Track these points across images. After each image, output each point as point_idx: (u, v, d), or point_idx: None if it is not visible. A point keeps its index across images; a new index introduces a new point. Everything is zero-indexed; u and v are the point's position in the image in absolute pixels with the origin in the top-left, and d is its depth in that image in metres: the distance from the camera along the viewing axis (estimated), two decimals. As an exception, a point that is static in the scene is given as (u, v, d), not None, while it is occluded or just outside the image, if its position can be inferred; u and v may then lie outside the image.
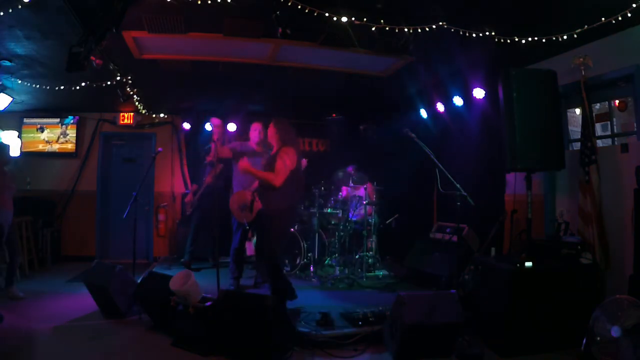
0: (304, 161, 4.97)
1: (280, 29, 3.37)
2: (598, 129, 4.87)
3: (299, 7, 3.26)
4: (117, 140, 7.68)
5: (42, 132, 7.28)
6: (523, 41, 3.84)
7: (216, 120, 5.89)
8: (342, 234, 5.88)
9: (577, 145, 4.54)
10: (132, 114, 7.39)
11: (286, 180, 3.86)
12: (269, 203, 3.95)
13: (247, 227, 4.87)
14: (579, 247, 3.74)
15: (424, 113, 6.36)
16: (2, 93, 5.70)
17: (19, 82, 5.39)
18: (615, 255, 3.81)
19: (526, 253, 3.67)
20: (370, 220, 5.99)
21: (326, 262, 5.99)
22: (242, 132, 6.80)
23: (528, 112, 3.67)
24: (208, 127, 7.14)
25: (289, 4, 3.23)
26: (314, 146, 8.19)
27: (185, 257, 6.23)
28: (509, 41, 3.83)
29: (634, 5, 3.34)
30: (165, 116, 7.60)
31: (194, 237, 6.23)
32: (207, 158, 5.58)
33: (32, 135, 7.24)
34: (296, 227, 6.07)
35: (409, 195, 6.71)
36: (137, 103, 6.58)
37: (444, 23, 3.64)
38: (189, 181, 7.39)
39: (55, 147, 7.31)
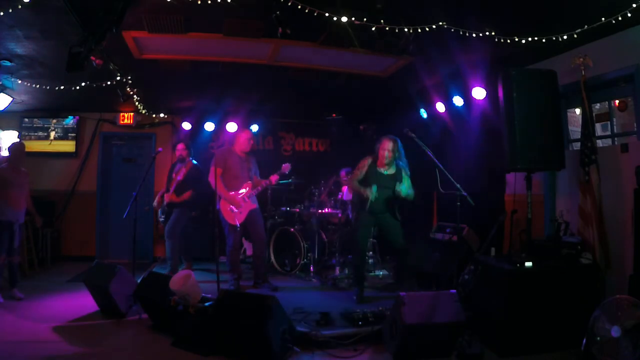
0: (287, 166, 5.08)
1: (280, 29, 3.37)
2: (598, 129, 4.87)
3: (299, 7, 3.26)
4: (117, 140, 7.69)
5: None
6: (523, 41, 3.83)
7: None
8: (342, 234, 5.87)
9: (577, 145, 4.54)
10: (132, 114, 7.39)
11: None
12: None
13: (238, 228, 4.90)
14: (579, 247, 3.74)
15: (424, 113, 6.35)
16: (2, 93, 5.69)
17: (19, 82, 5.39)
18: (615, 255, 3.81)
19: (526, 253, 3.67)
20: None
21: (326, 262, 5.98)
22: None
23: (528, 112, 3.67)
24: (208, 127, 7.14)
25: (289, 4, 3.22)
26: (314, 146, 8.20)
27: (182, 265, 6.16)
28: (509, 41, 3.82)
29: (634, 5, 3.33)
30: (165, 116, 7.60)
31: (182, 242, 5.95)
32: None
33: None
34: (296, 227, 6.07)
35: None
36: (137, 103, 6.58)
37: (444, 23, 3.63)
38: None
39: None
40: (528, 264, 3.45)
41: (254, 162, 5.27)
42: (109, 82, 5.31)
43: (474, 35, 3.73)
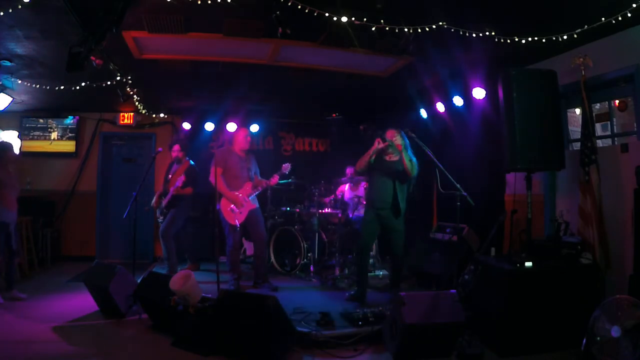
0: (287, 165, 5.10)
1: (280, 29, 3.37)
2: (598, 129, 4.87)
3: (299, 7, 3.26)
4: (117, 140, 7.69)
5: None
6: (523, 41, 3.83)
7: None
8: (342, 233, 5.87)
9: (577, 145, 4.54)
10: (132, 114, 7.40)
11: None
12: None
13: (238, 228, 4.90)
14: (579, 247, 3.74)
15: (424, 113, 6.36)
16: (2, 93, 5.69)
17: (19, 82, 5.39)
18: (615, 255, 3.81)
19: (526, 253, 3.67)
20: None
21: (326, 262, 5.98)
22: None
23: (528, 112, 3.67)
24: (208, 127, 7.14)
25: (289, 4, 3.22)
26: (314, 146, 8.20)
27: (185, 265, 6.16)
28: (509, 41, 3.82)
29: (634, 5, 3.33)
30: (165, 116, 7.60)
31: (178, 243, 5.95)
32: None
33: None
34: (296, 227, 6.08)
35: (409, 195, 6.70)
36: (137, 103, 6.58)
37: (444, 23, 3.63)
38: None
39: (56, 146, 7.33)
40: (528, 264, 3.45)
41: (254, 161, 5.28)
42: (109, 82, 5.30)
43: (474, 35, 3.73)
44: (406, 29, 3.64)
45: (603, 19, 3.52)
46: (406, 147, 4.56)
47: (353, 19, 3.48)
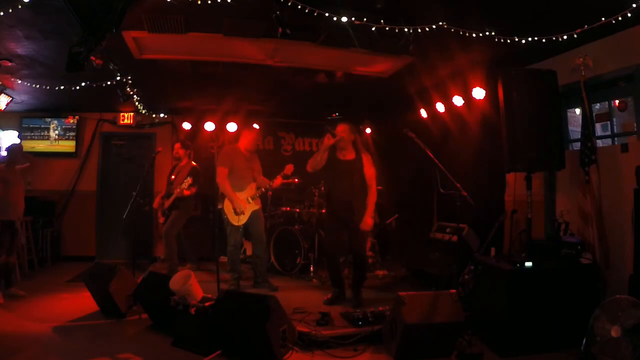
0: (291, 167, 5.07)
1: (280, 29, 3.37)
2: (598, 129, 4.87)
3: (299, 7, 3.25)
4: (117, 140, 7.69)
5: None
6: (523, 41, 3.83)
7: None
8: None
9: (577, 145, 4.53)
10: (132, 114, 7.40)
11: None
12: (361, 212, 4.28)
13: (240, 229, 4.90)
14: (579, 247, 3.74)
15: (424, 113, 6.35)
16: (2, 93, 5.70)
17: (19, 82, 5.39)
18: (615, 255, 3.81)
19: (526, 253, 3.67)
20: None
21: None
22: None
23: (528, 112, 3.67)
24: (208, 127, 7.14)
25: (289, 4, 3.22)
26: (314, 146, 8.19)
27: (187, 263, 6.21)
28: (509, 41, 3.83)
29: (634, 5, 3.33)
30: (165, 116, 7.60)
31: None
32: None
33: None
34: (296, 227, 6.07)
35: (409, 195, 6.71)
36: (137, 103, 6.58)
37: (444, 23, 3.63)
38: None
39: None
40: (528, 264, 3.45)
41: (257, 161, 5.27)
42: (109, 82, 5.30)
43: (474, 35, 3.73)
44: (406, 29, 3.64)
45: (603, 19, 3.52)
46: (356, 142, 4.45)
47: (353, 19, 3.48)
